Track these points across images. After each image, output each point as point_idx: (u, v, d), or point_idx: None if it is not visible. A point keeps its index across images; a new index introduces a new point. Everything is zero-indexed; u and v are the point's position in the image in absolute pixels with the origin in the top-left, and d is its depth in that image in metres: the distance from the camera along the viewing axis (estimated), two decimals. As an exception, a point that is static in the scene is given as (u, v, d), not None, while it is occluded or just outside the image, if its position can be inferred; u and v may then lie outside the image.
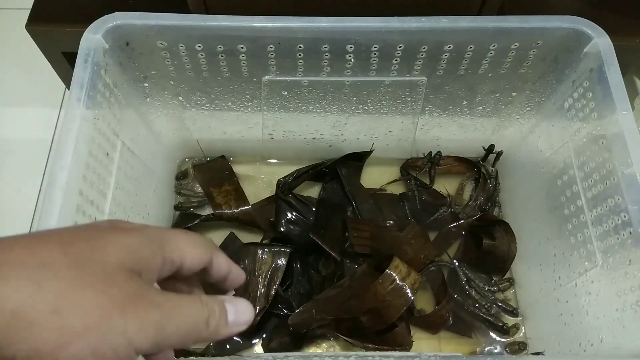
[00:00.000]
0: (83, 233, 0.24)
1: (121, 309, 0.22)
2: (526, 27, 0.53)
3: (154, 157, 0.69)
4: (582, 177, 0.57)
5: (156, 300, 0.23)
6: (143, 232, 0.26)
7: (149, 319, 0.23)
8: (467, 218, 0.77)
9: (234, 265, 0.31)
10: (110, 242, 0.24)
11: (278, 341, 0.68)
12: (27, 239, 0.23)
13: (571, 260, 0.59)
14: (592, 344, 0.55)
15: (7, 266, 0.21)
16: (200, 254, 0.28)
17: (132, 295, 0.23)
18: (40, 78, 0.90)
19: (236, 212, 0.76)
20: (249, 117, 0.70)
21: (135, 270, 0.24)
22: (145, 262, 0.25)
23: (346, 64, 0.58)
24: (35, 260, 0.21)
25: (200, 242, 0.29)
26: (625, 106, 0.51)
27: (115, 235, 0.24)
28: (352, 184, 0.78)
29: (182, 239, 0.28)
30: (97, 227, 0.26)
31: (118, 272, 0.23)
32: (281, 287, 0.69)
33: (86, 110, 0.48)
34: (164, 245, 0.26)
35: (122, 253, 0.24)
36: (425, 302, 0.73)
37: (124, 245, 0.24)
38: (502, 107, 0.69)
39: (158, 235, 0.26)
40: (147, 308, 0.23)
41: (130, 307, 0.22)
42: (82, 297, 0.21)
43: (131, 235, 0.25)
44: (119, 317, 0.22)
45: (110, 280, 0.22)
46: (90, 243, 0.23)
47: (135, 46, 0.55)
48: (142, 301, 0.23)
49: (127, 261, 0.24)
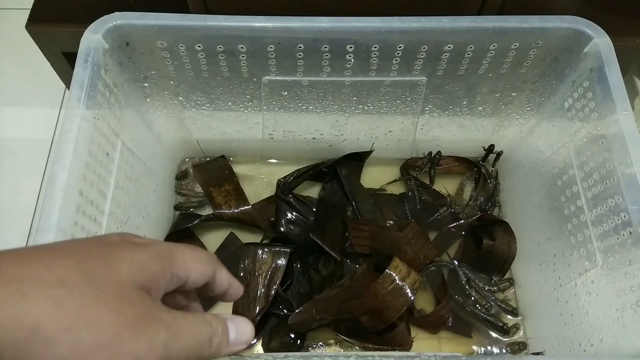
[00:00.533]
0: (97, 249, 0.25)
1: (133, 328, 0.23)
2: (526, 27, 0.53)
3: (154, 157, 0.69)
4: (582, 177, 0.57)
5: (165, 320, 0.24)
6: (152, 248, 0.26)
7: (157, 338, 0.23)
8: (467, 218, 0.77)
9: (234, 280, 0.32)
10: (123, 260, 0.25)
11: (278, 341, 0.68)
12: (43, 253, 0.23)
13: (571, 260, 0.59)
14: (592, 344, 0.55)
15: (26, 282, 0.22)
16: (204, 270, 0.29)
17: (143, 314, 0.24)
18: (40, 78, 0.90)
19: (236, 212, 0.76)
20: (249, 117, 0.70)
21: (146, 288, 0.25)
22: (155, 279, 0.25)
23: (346, 64, 0.58)
24: (52, 276, 0.22)
25: (205, 258, 0.29)
26: (625, 106, 0.51)
27: (127, 252, 0.25)
28: (352, 184, 0.78)
29: (189, 256, 0.28)
30: (109, 242, 0.26)
31: (130, 290, 0.24)
32: (281, 287, 0.69)
33: (86, 110, 0.48)
34: (171, 262, 0.27)
35: (134, 270, 0.25)
36: (425, 302, 0.73)
37: (135, 262, 0.25)
38: (502, 107, 0.69)
39: (166, 252, 0.27)
40: (157, 327, 0.24)
41: (141, 326, 0.23)
42: (97, 315, 0.22)
43: (142, 252, 0.26)
44: (130, 336, 0.23)
45: (123, 298, 0.23)
46: (104, 260, 0.24)
47: (135, 46, 0.55)
48: (152, 320, 0.24)
49: (139, 278, 0.25)
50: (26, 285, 0.22)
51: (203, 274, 0.29)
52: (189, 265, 0.28)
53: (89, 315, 0.22)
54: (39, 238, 0.42)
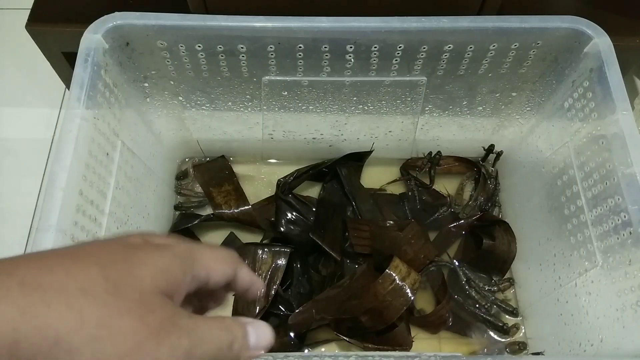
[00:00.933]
0: (119, 254, 0.25)
1: (155, 336, 0.23)
2: (526, 27, 0.53)
3: (154, 157, 0.69)
4: (582, 177, 0.57)
5: (186, 326, 0.24)
6: (174, 250, 0.26)
7: (179, 345, 0.23)
8: (467, 218, 0.77)
9: (255, 277, 0.31)
10: (145, 265, 0.24)
11: (278, 341, 0.68)
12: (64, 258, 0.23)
13: (571, 260, 0.59)
14: (592, 344, 0.55)
15: (49, 291, 0.22)
16: (225, 270, 0.29)
17: (165, 322, 0.23)
18: (40, 78, 0.90)
19: (236, 212, 0.76)
20: (249, 117, 0.70)
21: (168, 293, 0.25)
22: (177, 283, 0.25)
23: (346, 64, 0.58)
24: (75, 285, 0.22)
25: (226, 257, 0.29)
26: (625, 106, 0.51)
27: (149, 256, 0.25)
28: (352, 184, 0.78)
29: (209, 256, 0.28)
30: (131, 244, 0.26)
31: (153, 297, 0.24)
32: (281, 287, 0.69)
33: (86, 110, 0.48)
34: (193, 264, 0.27)
35: (157, 276, 0.24)
36: (425, 302, 0.73)
37: (157, 267, 0.25)
38: (502, 107, 0.69)
39: (188, 253, 0.27)
40: (179, 335, 0.24)
41: (163, 333, 0.23)
42: (120, 324, 0.22)
43: (164, 254, 0.26)
44: (153, 344, 0.23)
45: (145, 306, 0.23)
46: (127, 265, 0.24)
47: (135, 46, 0.55)
48: (174, 328, 0.24)
49: (161, 284, 0.24)
50: (49, 294, 0.21)
51: (224, 274, 0.29)
52: (210, 266, 0.28)
53: (111, 325, 0.22)
54: (39, 238, 0.42)
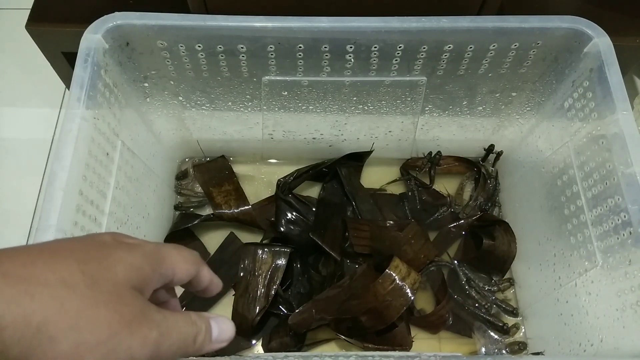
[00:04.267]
0: (93, 250, 0.27)
1: (128, 327, 0.25)
2: (526, 27, 0.53)
3: (154, 157, 0.69)
4: (582, 177, 0.57)
5: (156, 319, 0.26)
6: (143, 249, 0.28)
7: (150, 337, 0.25)
8: (467, 218, 0.77)
9: (215, 276, 0.34)
10: (119, 261, 0.27)
11: (278, 341, 0.68)
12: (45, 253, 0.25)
13: (571, 260, 0.59)
14: (592, 344, 0.55)
15: (32, 283, 0.23)
16: (189, 269, 0.31)
17: (137, 314, 0.25)
18: (40, 78, 0.90)
19: (236, 212, 0.76)
20: (249, 117, 0.70)
21: (139, 288, 0.27)
22: (146, 279, 0.28)
23: (346, 64, 0.58)
24: (56, 277, 0.24)
25: (190, 258, 0.31)
26: (625, 106, 0.51)
27: (121, 253, 0.27)
28: (352, 184, 0.78)
29: (175, 256, 0.30)
30: (104, 242, 0.28)
31: (126, 291, 0.26)
32: (281, 287, 0.69)
33: (86, 110, 0.48)
34: (160, 262, 0.29)
35: (129, 271, 0.27)
36: (425, 302, 0.73)
37: (129, 263, 0.27)
38: (502, 107, 0.69)
39: (156, 252, 0.29)
40: (150, 326, 0.26)
41: (136, 325, 0.25)
42: (97, 315, 0.24)
43: (134, 252, 0.28)
44: (126, 335, 0.25)
45: (120, 298, 0.25)
46: (102, 261, 0.26)
47: (135, 46, 0.55)
48: (145, 320, 0.26)
49: (133, 279, 0.27)
50: (33, 286, 0.23)
51: (188, 272, 0.31)
52: (176, 265, 0.30)
53: (89, 315, 0.24)
54: (39, 238, 0.42)
